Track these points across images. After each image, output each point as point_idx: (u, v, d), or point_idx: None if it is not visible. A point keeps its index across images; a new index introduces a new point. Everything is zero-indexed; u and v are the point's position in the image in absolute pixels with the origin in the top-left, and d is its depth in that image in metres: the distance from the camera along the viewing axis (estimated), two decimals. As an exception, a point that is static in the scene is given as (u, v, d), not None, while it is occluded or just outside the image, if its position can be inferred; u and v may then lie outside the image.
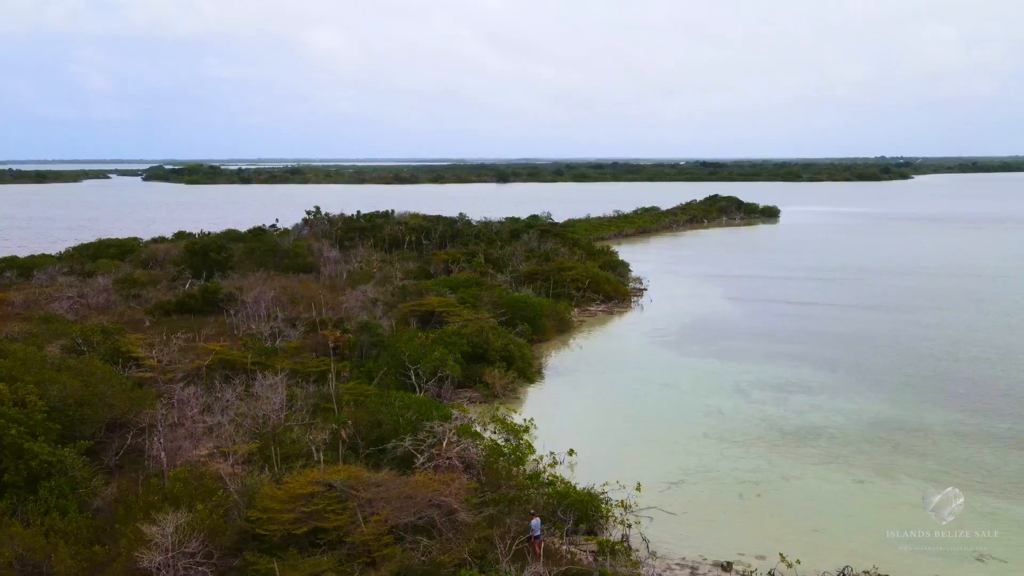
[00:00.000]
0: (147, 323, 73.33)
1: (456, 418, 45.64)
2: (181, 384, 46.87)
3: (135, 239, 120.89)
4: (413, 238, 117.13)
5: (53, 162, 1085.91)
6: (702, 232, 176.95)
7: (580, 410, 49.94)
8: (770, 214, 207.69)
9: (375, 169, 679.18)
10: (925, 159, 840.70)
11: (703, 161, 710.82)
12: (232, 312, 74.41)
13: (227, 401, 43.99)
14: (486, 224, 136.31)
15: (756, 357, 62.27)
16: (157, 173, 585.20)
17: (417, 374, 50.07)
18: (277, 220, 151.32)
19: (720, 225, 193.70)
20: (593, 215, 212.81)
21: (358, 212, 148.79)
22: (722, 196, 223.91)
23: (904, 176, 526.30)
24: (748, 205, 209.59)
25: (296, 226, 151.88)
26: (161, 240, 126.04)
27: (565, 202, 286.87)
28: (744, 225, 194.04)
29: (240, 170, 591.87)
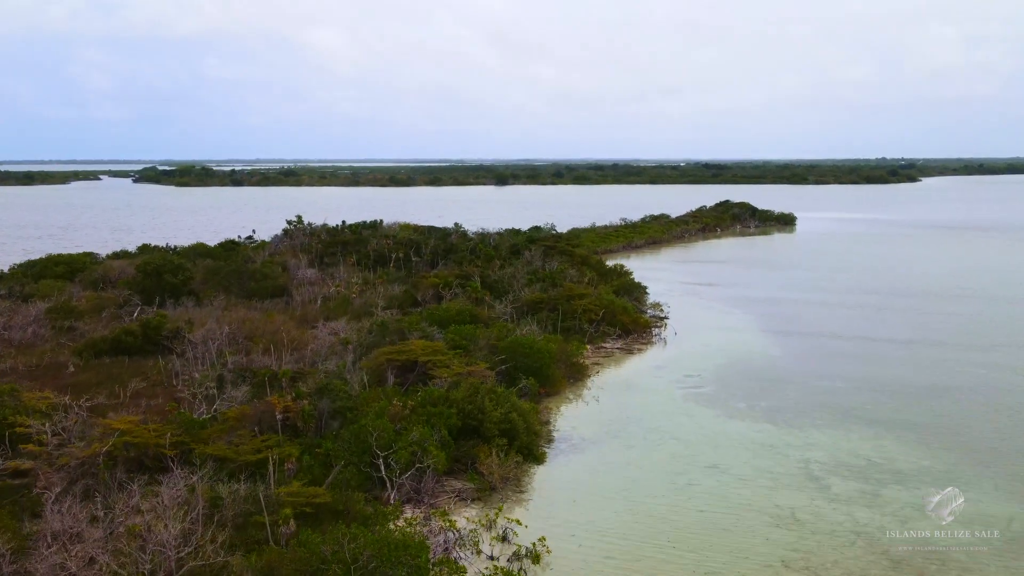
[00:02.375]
0: (71, 368, 60.74)
1: (433, 533, 33.23)
2: (59, 488, 34.15)
3: (88, 255, 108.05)
4: (401, 254, 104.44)
5: (51, 162, 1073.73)
6: (716, 242, 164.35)
7: (607, 515, 37.19)
8: (786, 222, 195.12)
9: (373, 170, 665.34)
10: (927, 160, 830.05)
11: (705, 163, 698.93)
12: (177, 353, 61.88)
13: (114, 520, 31.35)
14: (483, 236, 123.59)
15: (820, 420, 49.69)
16: (148, 175, 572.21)
17: (388, 464, 37.43)
18: (254, 232, 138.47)
19: (734, 234, 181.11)
20: (598, 222, 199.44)
21: (343, 223, 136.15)
22: (734, 202, 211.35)
23: (912, 179, 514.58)
24: (763, 212, 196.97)
25: (275, 238, 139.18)
26: (121, 255, 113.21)
27: (567, 207, 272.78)
28: (759, 234, 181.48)
29: (233, 171, 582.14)
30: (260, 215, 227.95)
